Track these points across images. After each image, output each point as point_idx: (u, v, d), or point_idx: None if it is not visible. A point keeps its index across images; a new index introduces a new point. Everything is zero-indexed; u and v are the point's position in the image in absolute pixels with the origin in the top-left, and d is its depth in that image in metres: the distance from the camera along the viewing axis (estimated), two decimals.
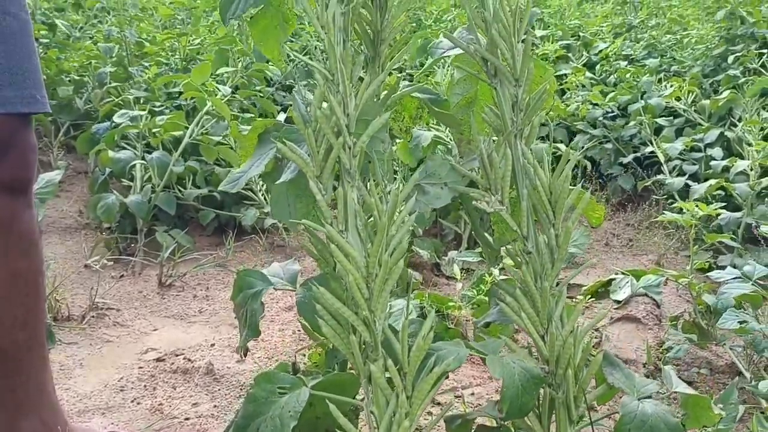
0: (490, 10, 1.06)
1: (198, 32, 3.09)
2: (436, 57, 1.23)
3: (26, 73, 1.13)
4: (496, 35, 1.04)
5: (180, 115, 2.47)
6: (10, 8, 1.10)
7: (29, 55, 1.14)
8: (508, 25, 1.04)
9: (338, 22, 0.99)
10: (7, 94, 1.10)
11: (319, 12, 0.98)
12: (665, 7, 5.04)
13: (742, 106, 2.89)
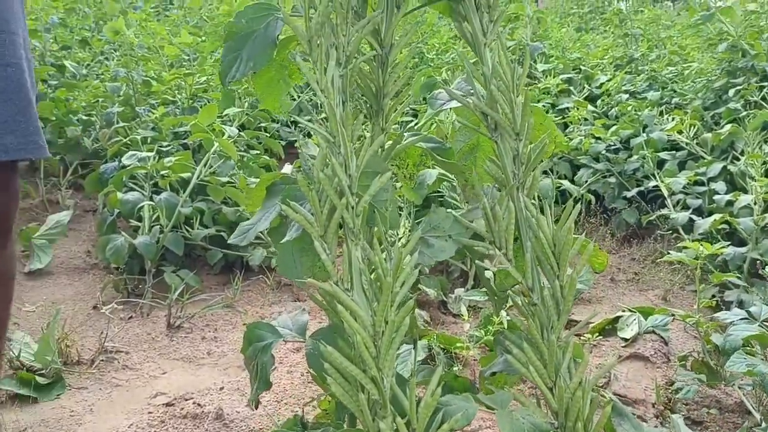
0: (488, 65, 1.09)
1: (204, 71, 3.14)
2: (436, 108, 1.26)
3: (28, 121, 1.17)
4: (495, 91, 1.07)
5: (187, 155, 2.51)
6: (11, 59, 1.13)
7: (29, 105, 1.17)
8: (507, 80, 1.07)
9: (337, 84, 1.02)
10: (10, 141, 1.13)
11: (318, 76, 1.01)
12: (665, 38, 5.10)
13: (743, 140, 2.91)
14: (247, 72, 1.13)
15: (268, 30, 1.12)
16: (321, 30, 1.01)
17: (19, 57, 1.14)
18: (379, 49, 1.12)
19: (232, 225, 2.43)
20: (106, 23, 4.91)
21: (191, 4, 4.72)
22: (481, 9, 1.10)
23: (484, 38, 1.10)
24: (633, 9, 9.55)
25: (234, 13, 3.06)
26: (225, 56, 1.14)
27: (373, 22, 1.06)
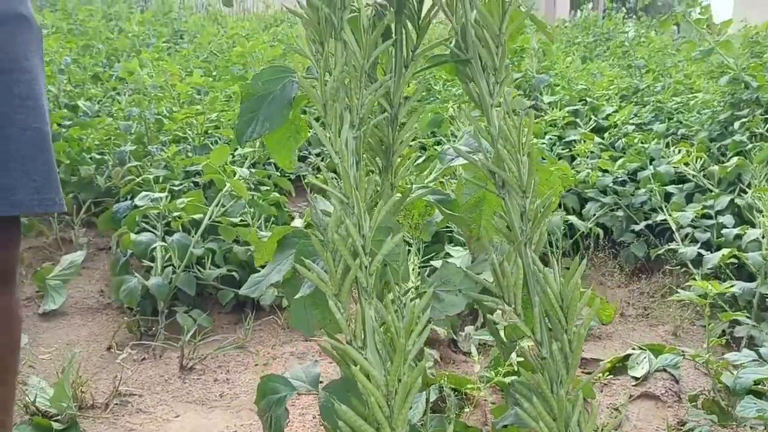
0: (495, 125, 1.12)
1: (215, 108, 3.19)
2: (445, 163, 1.29)
3: (44, 180, 1.22)
4: (502, 150, 1.10)
5: (199, 194, 2.55)
6: (32, 123, 1.19)
7: (47, 164, 1.22)
8: (513, 140, 1.10)
9: (351, 145, 1.05)
10: (22, 197, 1.18)
11: (332, 138, 1.04)
12: (671, 67, 5.14)
13: (750, 172, 2.93)
14: (263, 132, 1.16)
15: (284, 92, 1.15)
16: (336, 95, 1.04)
17: (40, 122, 1.19)
18: (389, 109, 1.16)
19: (244, 264, 2.46)
20: (118, 60, 5.02)
21: (202, 40, 4.81)
22: (488, 71, 1.13)
23: (491, 99, 1.13)
24: (637, 34, 9.65)
25: (247, 53, 3.12)
26: (242, 116, 1.17)
27: (385, 85, 1.09)
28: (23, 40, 1.18)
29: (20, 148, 1.17)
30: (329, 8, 1.09)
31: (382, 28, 1.07)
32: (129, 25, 4.79)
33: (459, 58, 1.16)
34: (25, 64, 1.18)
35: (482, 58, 1.14)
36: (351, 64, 1.07)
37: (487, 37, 1.12)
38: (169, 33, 6.04)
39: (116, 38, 4.80)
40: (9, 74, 1.15)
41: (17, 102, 1.16)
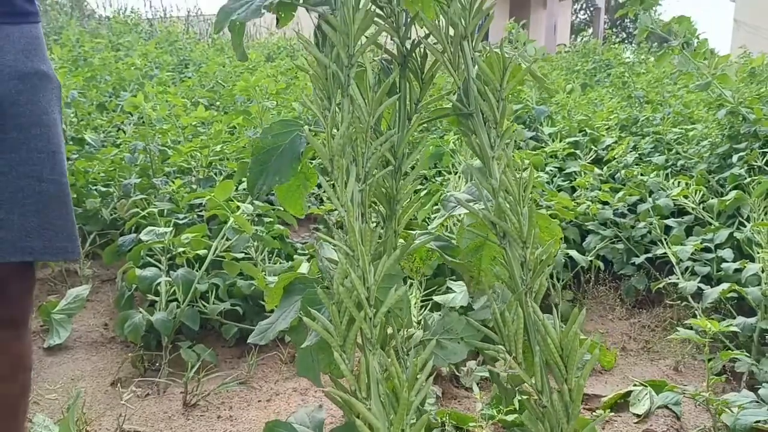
0: (496, 178, 1.15)
1: (219, 141, 3.24)
2: (448, 210, 1.32)
3: (57, 229, 1.26)
4: (503, 203, 1.12)
5: (203, 228, 2.58)
6: (48, 175, 1.23)
7: (64, 214, 1.26)
8: (514, 192, 1.13)
9: (357, 199, 1.08)
10: (36, 245, 1.22)
11: (338, 192, 1.07)
12: (670, 97, 5.20)
13: (749, 206, 2.96)
14: (274, 185, 1.20)
15: (293, 146, 1.19)
16: (342, 150, 1.07)
17: (57, 173, 1.23)
18: (393, 160, 1.19)
19: (247, 298, 2.49)
20: (124, 89, 5.09)
21: (207, 69, 4.88)
22: (489, 124, 1.17)
23: (492, 152, 1.16)
24: (637, 60, 9.75)
25: (249, 89, 3.16)
26: (252, 169, 1.21)
27: (391, 140, 1.13)
28: (43, 95, 1.23)
29: (37, 200, 1.21)
30: (337, 65, 1.12)
31: (388, 85, 1.10)
32: (133, 59, 4.86)
33: (461, 111, 1.20)
34: (45, 119, 1.22)
35: (483, 112, 1.17)
36: (357, 120, 1.11)
37: (488, 93, 1.16)
38: (175, 62, 6.12)
39: (123, 68, 4.87)
40: (29, 129, 1.20)
41: (35, 155, 1.20)
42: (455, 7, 1.19)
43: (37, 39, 1.24)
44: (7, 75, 1.17)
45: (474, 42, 1.23)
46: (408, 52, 1.20)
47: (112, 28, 7.93)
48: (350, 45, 1.11)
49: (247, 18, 1.17)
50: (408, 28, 1.20)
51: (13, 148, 1.18)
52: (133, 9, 13.07)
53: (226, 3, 1.21)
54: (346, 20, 1.11)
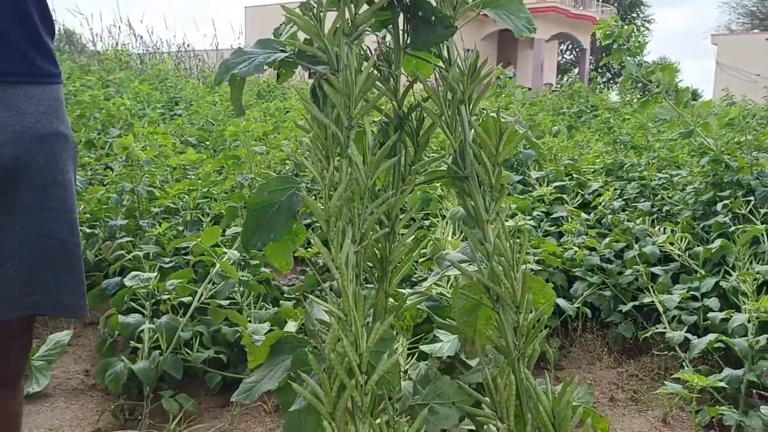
0: (491, 242, 1.15)
1: (208, 184, 3.23)
2: (443, 269, 1.31)
3: (65, 287, 1.27)
4: (497, 267, 1.12)
5: (189, 272, 2.55)
6: (57, 234, 1.24)
7: (72, 272, 1.26)
8: (509, 257, 1.12)
9: (351, 261, 1.07)
10: (37, 299, 1.22)
11: (333, 254, 1.06)
12: (654, 141, 5.29)
13: (734, 254, 2.98)
14: (268, 242, 1.18)
15: (289, 203, 1.18)
16: (339, 212, 1.07)
17: (69, 233, 1.24)
18: (387, 221, 1.18)
19: (232, 345, 2.45)
20: (113, 125, 5.08)
21: (197, 108, 4.89)
22: (484, 187, 1.17)
23: (487, 215, 1.16)
24: (622, 101, 9.89)
25: (240, 132, 3.15)
26: (248, 224, 1.20)
27: (388, 202, 1.12)
28: (60, 156, 1.25)
29: (46, 257, 1.22)
30: (336, 125, 1.12)
31: (387, 149, 1.10)
32: (124, 100, 4.87)
33: (457, 174, 1.20)
34: (61, 179, 1.24)
35: (479, 175, 1.18)
36: (355, 181, 1.11)
37: (484, 157, 1.16)
38: (165, 99, 6.13)
39: (112, 106, 4.87)
40: (45, 189, 1.22)
41: (48, 214, 1.22)
42: (454, 72, 1.21)
43: (58, 100, 1.26)
44: (27, 136, 1.19)
45: (471, 106, 1.24)
46: (405, 115, 1.21)
47: (103, 63, 7.96)
48: (351, 107, 1.12)
49: (249, 73, 1.17)
50: (406, 92, 1.21)
51: (27, 206, 1.20)
52: (125, 44, 13.16)
53: (228, 57, 1.22)
54: (347, 82, 1.11)
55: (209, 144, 4.62)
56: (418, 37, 1.20)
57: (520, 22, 1.28)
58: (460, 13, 1.24)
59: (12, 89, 1.17)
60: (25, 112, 1.18)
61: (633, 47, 3.90)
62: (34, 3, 1.20)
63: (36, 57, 1.21)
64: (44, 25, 1.23)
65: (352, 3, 1.16)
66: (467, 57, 1.25)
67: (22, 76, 1.19)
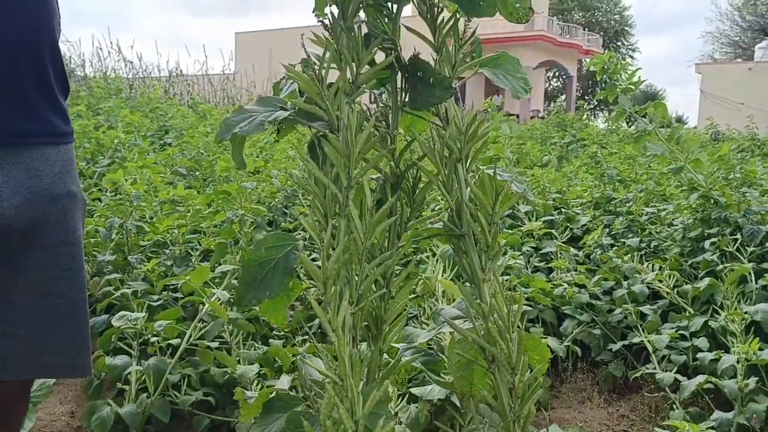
0: (486, 301, 1.15)
1: (198, 220, 3.21)
2: (438, 324, 1.31)
3: (71, 346, 1.27)
4: (493, 328, 1.12)
5: (177, 311, 2.53)
6: (66, 293, 1.24)
7: (78, 331, 1.27)
8: (504, 318, 1.12)
9: (348, 323, 1.06)
10: (48, 360, 1.22)
11: (330, 316, 1.06)
12: (642, 174, 5.34)
13: (722, 293, 3.00)
14: (263, 299, 1.17)
15: (286, 261, 1.17)
16: (337, 274, 1.06)
17: (77, 291, 1.25)
18: (382, 281, 1.18)
19: (221, 387, 2.42)
20: (102, 154, 5.06)
21: (188, 138, 4.88)
22: (480, 246, 1.17)
23: (482, 274, 1.16)
24: (609, 129, 9.97)
25: (231, 168, 3.13)
26: (243, 280, 1.19)
27: (385, 264, 1.12)
28: (73, 215, 1.26)
29: (54, 317, 1.22)
30: (335, 185, 1.12)
31: (386, 212, 1.10)
32: (117, 133, 4.87)
33: (453, 232, 1.20)
34: (71, 238, 1.25)
35: (475, 234, 1.18)
36: (353, 242, 1.10)
37: (480, 216, 1.17)
38: (155, 127, 6.13)
39: (102, 136, 4.86)
40: (56, 248, 1.22)
41: (58, 272, 1.22)
42: (451, 131, 1.21)
43: (70, 159, 1.27)
44: (43, 198, 1.20)
45: (468, 164, 1.25)
46: (402, 173, 1.21)
47: (92, 90, 7.95)
48: (351, 167, 1.12)
49: (250, 132, 1.17)
50: (404, 151, 1.22)
51: (39, 267, 1.20)
52: (115, 69, 13.17)
53: (229, 115, 1.22)
54: (348, 143, 1.12)
55: (199, 175, 4.61)
56: (416, 97, 1.20)
57: (518, 83, 1.30)
58: (458, 72, 1.26)
59: (30, 151, 1.18)
60: (42, 174, 1.19)
61: (626, 84, 3.96)
62: (51, 63, 1.21)
63: (53, 117, 1.22)
64: (60, 85, 1.24)
65: (353, 62, 1.17)
66: (464, 114, 1.26)
67: (39, 136, 1.20)
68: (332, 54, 1.17)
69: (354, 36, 1.17)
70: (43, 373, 1.24)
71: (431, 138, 1.24)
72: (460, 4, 1.24)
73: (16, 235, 1.16)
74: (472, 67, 1.27)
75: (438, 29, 1.25)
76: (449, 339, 1.38)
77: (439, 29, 1.25)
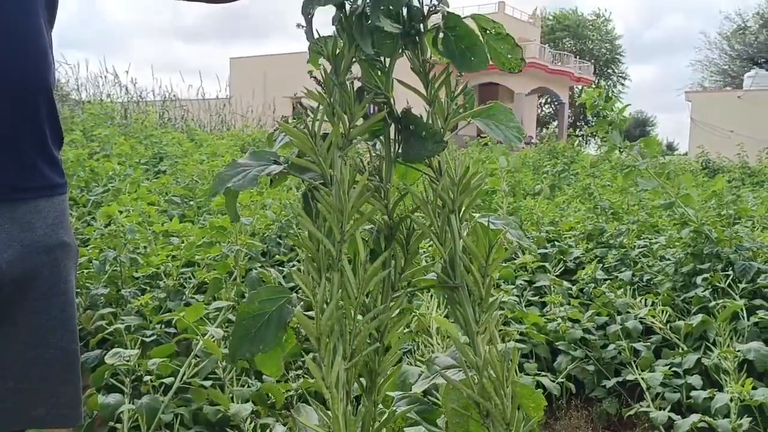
0: (480, 354, 1.15)
1: (192, 254, 3.21)
2: (431, 372, 1.31)
3: (62, 397, 1.25)
4: (487, 383, 1.12)
5: (171, 347, 2.52)
6: (59, 342, 1.23)
7: (70, 380, 1.26)
8: (498, 372, 1.13)
9: (342, 379, 1.07)
10: (40, 413, 1.20)
11: (324, 372, 1.06)
12: (634, 206, 5.38)
13: (715, 329, 3.01)
14: (257, 352, 1.17)
15: (280, 314, 1.17)
16: (331, 330, 1.07)
17: (68, 341, 1.24)
18: (376, 334, 1.19)
19: (213, 426, 2.40)
20: (96, 182, 5.06)
21: (182, 166, 4.90)
22: (474, 298, 1.18)
23: (476, 327, 1.17)
24: (600, 156, 10.06)
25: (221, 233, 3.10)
26: (236, 334, 1.18)
27: (379, 318, 1.13)
28: (65, 265, 1.25)
29: (45, 368, 1.21)
30: (328, 238, 1.13)
31: (379, 268, 1.11)
32: (112, 164, 4.88)
33: (447, 284, 1.21)
34: (63, 288, 1.24)
35: (469, 286, 1.19)
36: (346, 295, 1.11)
37: (473, 269, 1.18)
38: (149, 154, 6.14)
39: (96, 164, 4.86)
40: (48, 299, 1.21)
41: (49, 323, 1.21)
42: (444, 183, 1.23)
43: (64, 210, 1.27)
44: (36, 250, 1.19)
45: (461, 213, 1.26)
46: (395, 225, 1.22)
47: (86, 118, 7.97)
48: (344, 222, 1.13)
49: (243, 187, 1.18)
50: (396, 204, 1.23)
51: (30, 318, 1.19)
52: (110, 94, 13.22)
53: (222, 170, 1.23)
54: (340, 198, 1.13)
55: (194, 204, 4.61)
56: (409, 150, 1.22)
57: (511, 132, 1.31)
58: (451, 123, 1.27)
59: (24, 206, 1.18)
60: (35, 227, 1.19)
61: (617, 120, 4.01)
62: (46, 114, 1.20)
63: (46, 169, 1.21)
64: (54, 136, 1.24)
65: (346, 116, 1.19)
66: (458, 165, 1.27)
67: (32, 191, 1.19)
68: (325, 108, 1.18)
69: (347, 90, 1.19)
70: (34, 425, 1.22)
71: (424, 189, 1.25)
72: (452, 60, 1.26)
73: (8, 288, 1.15)
74: (465, 118, 1.29)
75: (430, 83, 1.27)
76: (444, 385, 1.38)
77: (431, 83, 1.27)
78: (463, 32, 1.24)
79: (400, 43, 1.24)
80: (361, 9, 1.20)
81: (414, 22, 1.24)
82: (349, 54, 1.20)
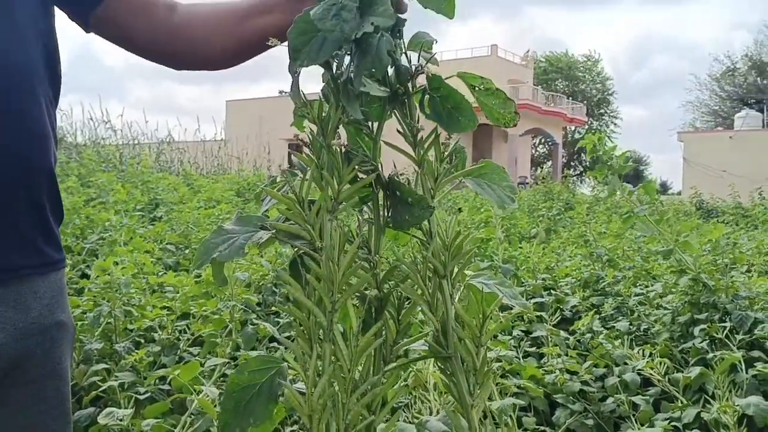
0: (475, 429, 1.15)
1: (188, 307, 3.20)
2: None
3: None
4: None
5: (165, 404, 2.48)
6: (52, 425, 1.23)
7: None
8: None
9: None
10: None
11: None
12: (630, 251, 5.39)
13: (713, 382, 2.99)
14: (248, 426, 1.15)
15: (271, 386, 1.15)
16: (323, 407, 1.06)
17: (63, 423, 1.22)
18: (368, 412, 1.18)
19: None
20: (92, 230, 5.07)
21: (178, 214, 4.91)
22: (468, 369, 1.18)
23: (470, 399, 1.16)
24: (595, 197, 10.09)
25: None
26: (225, 406, 1.16)
27: (372, 392, 1.12)
28: (60, 345, 1.21)
29: None
30: (319, 308, 1.13)
31: (372, 341, 1.11)
32: (109, 215, 4.89)
33: (440, 353, 1.20)
34: (58, 368, 1.20)
35: (462, 357, 1.18)
36: (339, 368, 1.10)
37: (466, 340, 1.17)
38: (146, 200, 6.16)
39: (92, 211, 4.87)
40: (42, 381, 1.18)
41: (42, 407, 1.18)
42: (435, 247, 1.22)
43: (61, 288, 1.23)
44: (29, 331, 1.15)
45: (453, 278, 1.26)
46: (386, 296, 1.22)
47: (83, 159, 8.01)
48: (334, 291, 1.13)
49: (229, 258, 1.17)
50: (385, 278, 1.23)
51: (22, 402, 1.15)
52: (104, 138, 13.31)
53: (209, 236, 1.22)
54: (329, 266, 1.13)
55: (189, 253, 4.61)
56: (397, 216, 1.21)
57: (503, 192, 1.30)
58: (441, 185, 1.27)
59: (19, 286, 1.13)
60: (30, 308, 1.15)
61: (616, 164, 4.05)
62: (47, 193, 1.18)
63: (44, 246, 1.17)
64: (55, 214, 1.21)
65: (334, 180, 1.18)
66: (449, 227, 1.27)
67: (29, 268, 1.15)
68: (313, 171, 1.18)
69: (334, 153, 1.18)
70: None
71: (413, 254, 1.25)
72: (440, 122, 1.26)
73: (0, 371, 1.12)
74: (456, 178, 1.28)
75: (419, 145, 1.27)
76: None
77: (419, 145, 1.27)
78: (448, 93, 1.23)
79: (388, 108, 1.24)
80: (347, 75, 1.20)
81: (401, 84, 1.24)
82: (335, 116, 1.19)
